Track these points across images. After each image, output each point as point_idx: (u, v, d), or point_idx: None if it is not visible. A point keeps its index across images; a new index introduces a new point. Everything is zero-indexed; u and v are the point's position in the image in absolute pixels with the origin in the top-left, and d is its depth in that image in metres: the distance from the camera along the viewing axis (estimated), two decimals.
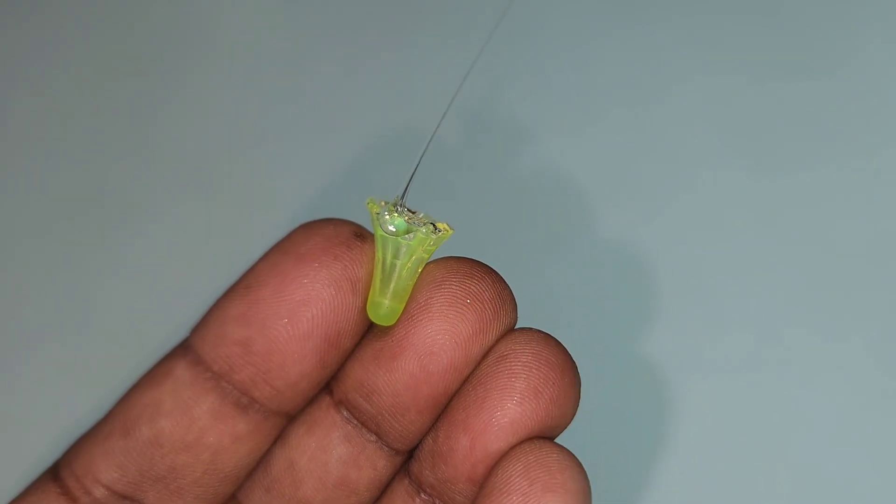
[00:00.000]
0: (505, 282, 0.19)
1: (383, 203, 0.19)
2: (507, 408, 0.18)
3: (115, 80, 0.44)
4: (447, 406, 0.19)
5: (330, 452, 0.20)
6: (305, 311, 0.18)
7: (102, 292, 0.39)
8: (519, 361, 0.18)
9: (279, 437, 0.20)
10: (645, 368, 0.34)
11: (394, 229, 0.19)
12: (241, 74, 0.44)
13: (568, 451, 0.18)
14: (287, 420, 0.19)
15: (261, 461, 0.20)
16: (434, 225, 0.19)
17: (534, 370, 0.18)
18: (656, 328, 0.35)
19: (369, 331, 0.19)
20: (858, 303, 0.35)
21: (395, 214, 0.19)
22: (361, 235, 0.19)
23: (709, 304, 0.36)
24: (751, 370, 0.34)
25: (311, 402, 0.20)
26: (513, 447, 0.18)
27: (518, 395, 0.18)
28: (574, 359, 0.19)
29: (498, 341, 0.19)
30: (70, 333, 0.38)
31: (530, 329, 0.19)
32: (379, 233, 0.19)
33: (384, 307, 0.18)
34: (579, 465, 0.18)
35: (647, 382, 0.34)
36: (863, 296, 0.35)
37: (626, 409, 0.34)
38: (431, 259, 0.19)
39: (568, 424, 0.19)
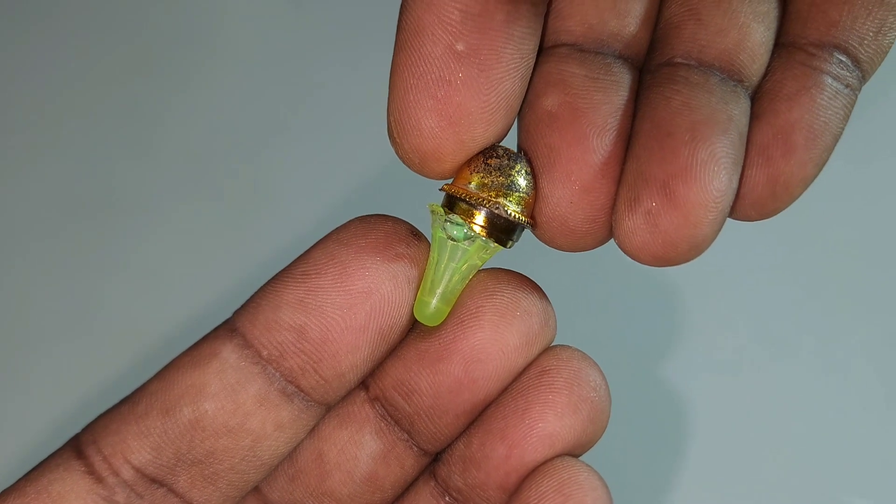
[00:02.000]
0: (548, 299, 0.20)
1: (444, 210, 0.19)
2: (548, 421, 0.18)
3: (121, 82, 0.44)
4: (484, 413, 0.19)
5: (361, 447, 0.20)
6: (365, 302, 0.18)
7: (108, 291, 0.38)
8: (561, 377, 0.19)
9: None
10: (656, 379, 0.35)
11: (457, 234, 0.19)
12: (246, 76, 0.44)
13: (594, 469, 0.18)
14: (325, 412, 0.19)
15: None
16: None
17: (574, 387, 0.19)
18: (667, 336, 0.36)
19: (412, 331, 0.19)
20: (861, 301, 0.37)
21: (459, 219, 0.19)
22: (417, 235, 0.19)
23: (713, 306, 0.37)
24: (762, 374, 0.35)
25: (345, 395, 0.20)
26: (543, 464, 0.18)
27: (559, 410, 0.18)
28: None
29: (539, 355, 0.19)
30: (76, 332, 0.37)
31: (569, 347, 0.19)
32: (439, 234, 0.19)
33: (432, 307, 0.19)
34: (605, 484, 0.18)
35: (659, 393, 0.35)
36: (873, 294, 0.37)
37: (636, 419, 0.34)
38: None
39: (596, 442, 0.19)
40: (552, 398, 0.18)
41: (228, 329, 0.18)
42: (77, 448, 0.18)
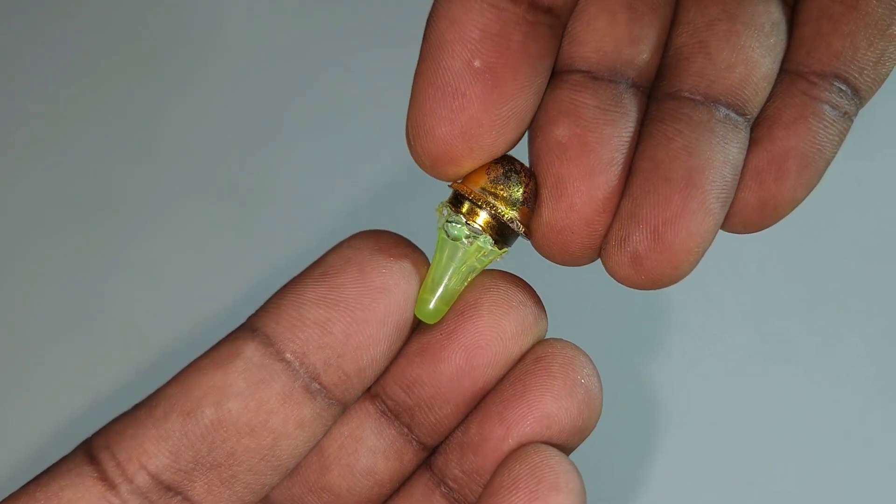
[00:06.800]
0: (540, 299, 0.21)
1: (448, 210, 0.20)
2: (546, 402, 0.19)
3: (121, 82, 0.43)
4: (482, 401, 0.20)
5: (361, 442, 0.20)
6: (384, 297, 0.19)
7: (109, 292, 0.38)
8: (556, 362, 0.20)
9: None
10: (642, 373, 0.36)
11: (457, 233, 0.20)
12: (246, 76, 0.44)
13: (565, 455, 0.19)
14: (341, 413, 0.20)
15: None
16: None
17: (569, 372, 0.20)
18: (654, 330, 0.38)
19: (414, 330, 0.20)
20: (857, 302, 0.39)
21: (461, 219, 0.20)
22: (414, 245, 0.20)
23: (705, 304, 0.38)
24: (747, 370, 0.37)
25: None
26: (515, 450, 0.19)
27: (556, 392, 0.20)
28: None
29: (533, 346, 0.20)
30: (77, 333, 0.37)
31: (561, 339, 0.21)
32: (442, 235, 0.20)
33: (431, 306, 0.20)
34: (577, 469, 0.19)
35: (644, 386, 0.36)
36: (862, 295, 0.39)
37: (620, 411, 0.35)
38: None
39: (591, 430, 0.20)
40: (549, 381, 0.20)
41: (249, 329, 0.19)
42: (89, 453, 0.18)
